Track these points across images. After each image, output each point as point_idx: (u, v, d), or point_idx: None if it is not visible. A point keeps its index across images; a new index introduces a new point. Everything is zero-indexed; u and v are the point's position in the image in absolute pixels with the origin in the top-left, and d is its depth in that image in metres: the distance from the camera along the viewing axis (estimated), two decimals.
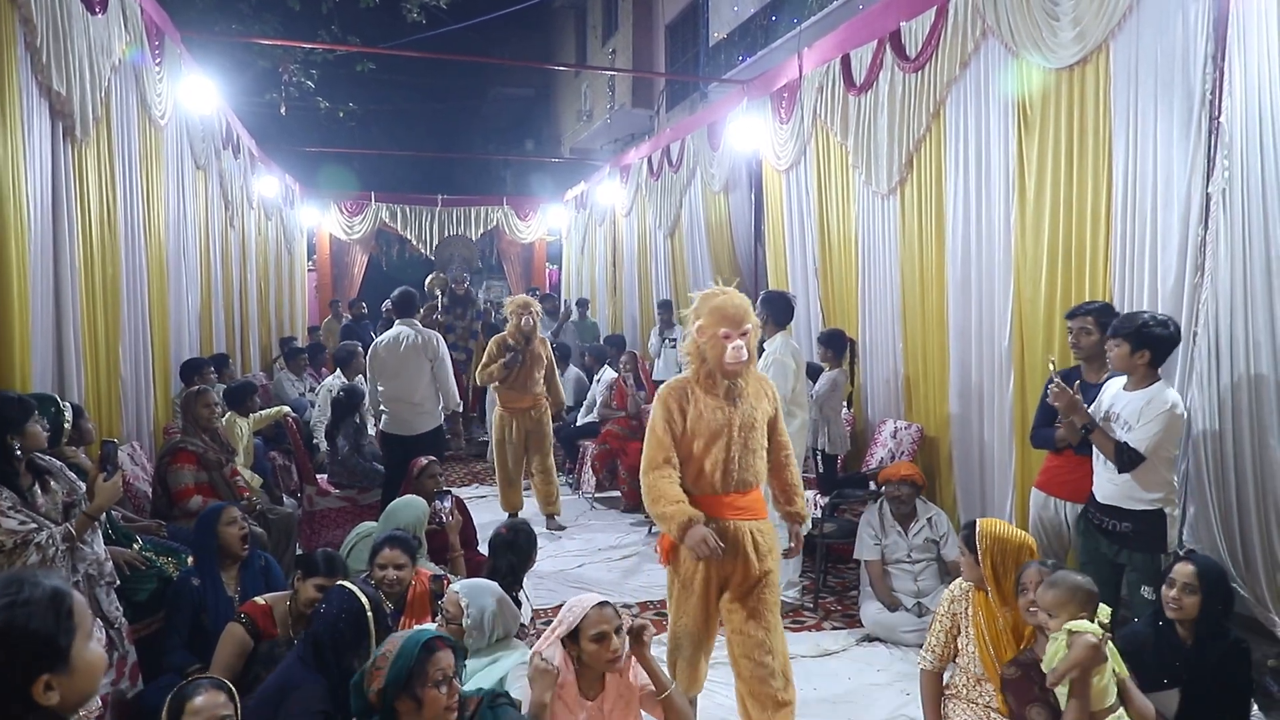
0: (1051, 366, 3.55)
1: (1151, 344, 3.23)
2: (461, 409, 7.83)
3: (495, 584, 3.26)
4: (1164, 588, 2.86)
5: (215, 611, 3.37)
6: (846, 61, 5.96)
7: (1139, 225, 3.88)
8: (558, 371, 6.72)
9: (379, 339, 5.93)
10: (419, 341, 5.73)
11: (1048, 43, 4.24)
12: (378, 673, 2.27)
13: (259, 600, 3.18)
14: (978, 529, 3.03)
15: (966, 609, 3.05)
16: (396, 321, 5.91)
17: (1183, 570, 2.83)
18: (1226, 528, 3.62)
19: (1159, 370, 3.28)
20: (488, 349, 6.25)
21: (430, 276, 10.16)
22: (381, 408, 5.80)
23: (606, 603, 2.66)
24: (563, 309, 11.36)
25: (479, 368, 6.29)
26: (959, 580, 3.16)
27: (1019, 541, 3.02)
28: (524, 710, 2.64)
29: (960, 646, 3.06)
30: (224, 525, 3.52)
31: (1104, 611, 2.62)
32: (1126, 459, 3.22)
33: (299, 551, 5.29)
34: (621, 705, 2.70)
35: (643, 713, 2.82)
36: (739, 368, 2.91)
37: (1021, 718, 2.68)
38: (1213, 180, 3.54)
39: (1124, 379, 3.37)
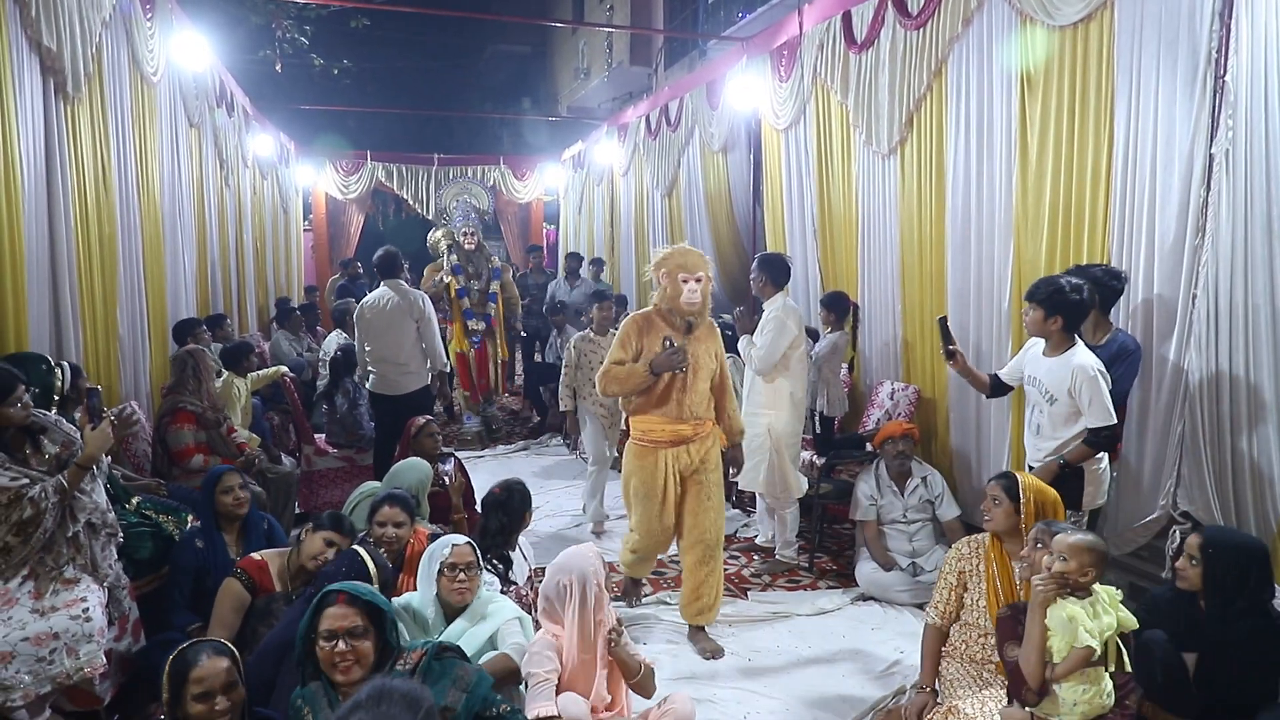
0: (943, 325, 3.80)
1: (1064, 310, 3.35)
2: (449, 370, 7.14)
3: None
4: (1182, 558, 2.89)
5: (218, 573, 3.41)
6: (848, 18, 5.88)
7: (1139, 186, 3.86)
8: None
9: (364, 300, 5.93)
10: (404, 303, 5.73)
11: None
12: None
13: (255, 556, 3.21)
14: (1020, 480, 3.06)
15: (978, 565, 3.08)
16: (381, 282, 5.90)
17: (1191, 541, 2.86)
18: (1220, 490, 3.64)
19: (1074, 334, 3.42)
20: (620, 333, 3.92)
21: (432, 233, 8.51)
22: (369, 368, 5.82)
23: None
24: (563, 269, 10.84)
25: (601, 372, 3.91)
26: (967, 538, 3.19)
27: (1053, 497, 3.06)
28: (524, 659, 2.72)
29: (968, 602, 3.09)
30: (220, 493, 3.57)
31: (1113, 592, 2.61)
32: (1105, 440, 3.32)
33: (298, 511, 5.34)
34: (608, 662, 2.82)
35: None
36: None
37: (1000, 653, 2.75)
38: (1216, 141, 3.51)
39: (1042, 343, 3.49)
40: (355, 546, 2.92)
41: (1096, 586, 2.56)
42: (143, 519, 3.70)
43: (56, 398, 3.48)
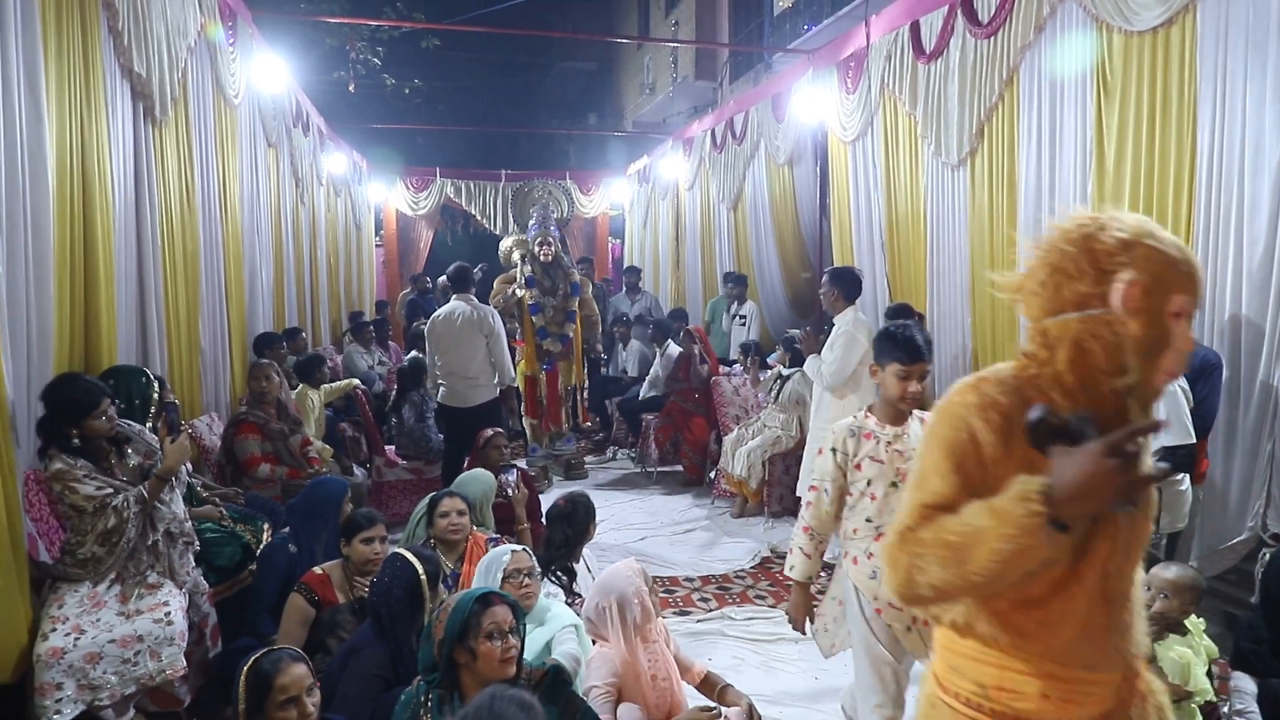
0: None
1: None
2: (517, 384, 6.51)
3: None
4: None
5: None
6: (916, 28, 5.81)
7: (1225, 195, 3.72)
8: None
9: (436, 313, 6.07)
10: (474, 317, 5.84)
11: (1129, 4, 4.07)
12: (439, 625, 2.33)
13: (316, 570, 3.28)
14: None
15: None
16: (453, 296, 6.03)
17: None
18: None
19: None
20: (939, 431, 1.42)
21: (504, 240, 7.71)
22: (439, 381, 5.93)
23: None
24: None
25: (898, 530, 1.40)
26: None
27: None
28: (581, 669, 2.74)
29: None
30: (346, 503, 3.67)
31: (1197, 623, 2.50)
32: (1181, 459, 3.23)
33: None
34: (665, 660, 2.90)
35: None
36: None
37: None
38: None
39: None
40: (396, 549, 2.98)
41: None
42: (220, 527, 3.82)
43: (153, 410, 3.63)
